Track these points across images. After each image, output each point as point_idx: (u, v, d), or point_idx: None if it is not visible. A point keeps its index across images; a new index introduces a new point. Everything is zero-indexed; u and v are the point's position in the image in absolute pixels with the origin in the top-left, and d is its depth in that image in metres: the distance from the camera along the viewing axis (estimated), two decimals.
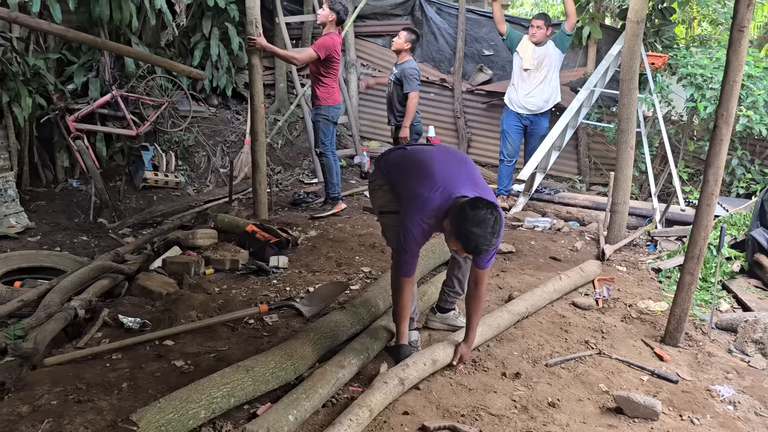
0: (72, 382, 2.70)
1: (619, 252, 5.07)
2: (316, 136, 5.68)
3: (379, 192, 3.08)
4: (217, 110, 8.19)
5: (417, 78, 5.75)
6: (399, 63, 5.80)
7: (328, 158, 5.65)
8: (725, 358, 3.37)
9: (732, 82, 3.19)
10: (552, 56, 6.11)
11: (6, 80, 5.79)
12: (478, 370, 3.00)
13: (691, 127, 7.02)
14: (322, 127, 5.57)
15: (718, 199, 3.48)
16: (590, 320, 3.68)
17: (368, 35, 8.62)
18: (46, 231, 5.88)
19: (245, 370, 2.57)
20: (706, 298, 4.20)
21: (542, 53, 6.09)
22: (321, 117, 5.55)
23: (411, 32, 5.84)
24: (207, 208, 6.33)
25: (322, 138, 5.60)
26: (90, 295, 3.77)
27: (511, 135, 6.26)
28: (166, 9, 7.00)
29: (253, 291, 3.89)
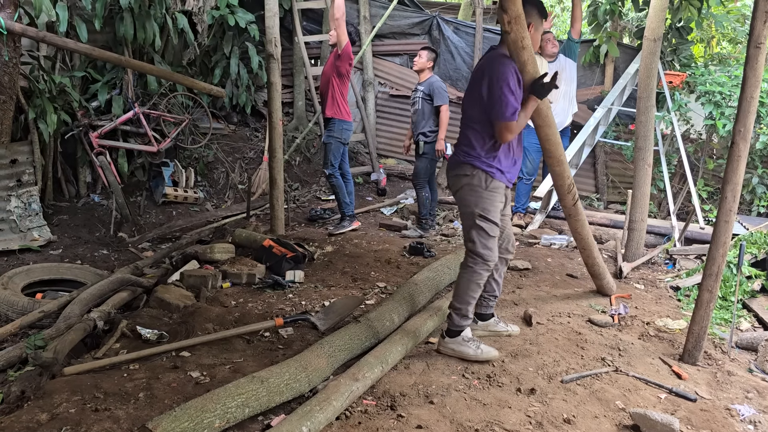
0: (90, 391, 2.73)
1: (637, 270, 5.03)
2: (326, 157, 5.74)
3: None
4: (237, 127, 8.32)
5: (445, 90, 5.85)
6: (423, 80, 5.85)
7: (337, 179, 5.74)
8: (745, 378, 3.32)
9: (749, 98, 3.18)
10: (566, 68, 6.06)
11: (33, 97, 5.95)
12: (493, 385, 2.98)
13: (710, 145, 6.98)
14: (333, 149, 5.66)
15: (737, 217, 3.45)
16: (607, 337, 3.64)
17: (386, 54, 8.72)
18: (68, 244, 5.99)
19: (260, 380, 2.58)
20: (726, 317, 4.14)
21: (556, 68, 6.10)
22: (333, 138, 5.64)
23: (431, 51, 5.94)
24: (225, 223, 6.40)
25: (332, 160, 5.67)
26: (109, 306, 3.83)
27: (531, 153, 6.17)
28: (188, 29, 7.16)
29: (269, 304, 3.92)
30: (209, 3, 7.41)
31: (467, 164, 3.12)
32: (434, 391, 2.86)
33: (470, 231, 3.13)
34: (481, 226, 3.10)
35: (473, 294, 3.18)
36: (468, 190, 3.12)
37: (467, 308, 3.19)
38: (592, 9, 7.54)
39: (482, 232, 3.11)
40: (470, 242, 3.14)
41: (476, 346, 3.20)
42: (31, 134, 6.06)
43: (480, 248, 3.11)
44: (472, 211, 3.11)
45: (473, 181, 3.10)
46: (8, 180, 5.85)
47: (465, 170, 3.12)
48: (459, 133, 3.25)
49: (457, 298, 3.18)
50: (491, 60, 3.09)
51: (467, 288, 3.16)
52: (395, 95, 8.72)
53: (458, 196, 3.20)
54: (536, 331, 3.66)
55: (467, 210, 3.14)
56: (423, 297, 3.83)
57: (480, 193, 3.10)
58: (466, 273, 3.16)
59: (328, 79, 5.59)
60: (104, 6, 6.44)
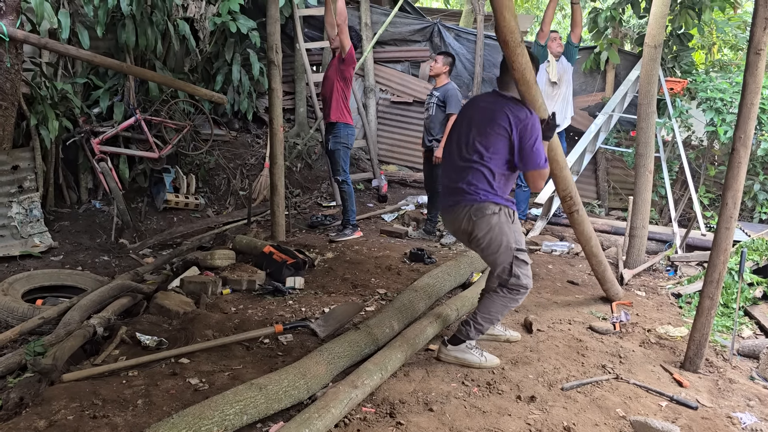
0: (88, 398, 2.72)
1: (638, 277, 5.02)
2: (336, 165, 5.70)
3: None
4: (238, 134, 8.33)
5: (460, 99, 5.78)
6: (439, 86, 5.79)
7: (349, 186, 5.74)
8: (747, 385, 3.30)
9: (750, 104, 3.18)
10: (567, 71, 6.07)
11: (35, 104, 5.97)
12: (493, 392, 2.97)
13: (711, 152, 6.98)
14: (342, 155, 5.64)
15: (738, 224, 3.45)
16: (608, 345, 3.63)
17: (387, 61, 8.74)
18: (69, 250, 5.99)
19: (258, 387, 2.57)
20: (727, 324, 4.13)
21: (560, 68, 6.09)
22: (341, 145, 5.62)
23: (447, 55, 5.86)
24: (226, 229, 6.40)
25: (342, 166, 5.66)
26: (109, 313, 3.83)
27: None
28: (189, 35, 7.18)
29: (269, 311, 3.91)
30: (211, 10, 7.44)
31: (490, 203, 3.07)
32: (434, 399, 2.85)
33: (511, 267, 3.10)
34: (521, 258, 3.10)
35: (501, 317, 3.24)
36: (498, 229, 3.06)
37: (489, 326, 3.23)
38: (593, 16, 7.56)
39: (522, 264, 3.11)
40: (513, 278, 3.10)
41: (480, 354, 3.20)
42: (33, 140, 6.08)
43: (524, 279, 3.12)
44: (509, 248, 3.08)
45: (501, 218, 3.07)
46: (10, 186, 5.86)
47: (491, 209, 3.07)
48: (460, 169, 3.14)
49: (486, 317, 3.18)
50: (513, 109, 3.06)
51: (500, 311, 3.19)
52: (396, 102, 8.73)
53: (487, 239, 3.09)
54: (537, 338, 3.64)
55: (501, 248, 3.09)
56: (423, 304, 3.82)
57: (510, 227, 3.09)
58: (507, 300, 3.15)
59: (332, 83, 5.56)
60: (106, 13, 6.47)
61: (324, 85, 5.70)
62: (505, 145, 3.04)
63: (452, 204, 3.17)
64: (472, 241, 3.17)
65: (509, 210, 3.11)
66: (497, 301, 3.16)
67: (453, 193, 3.16)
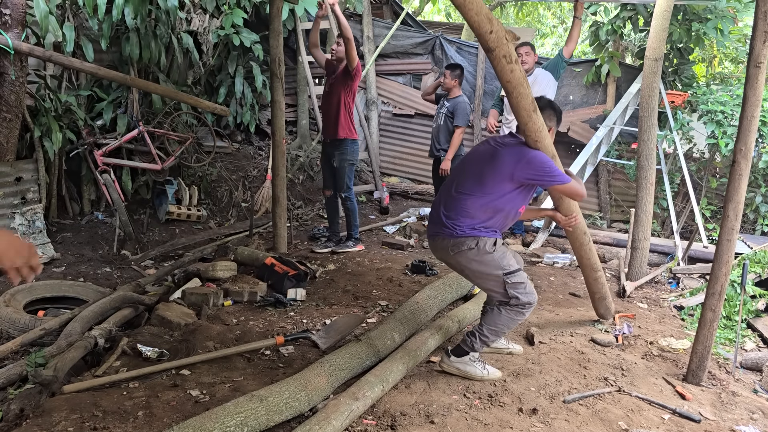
0: (89, 410, 2.72)
1: (640, 289, 5.01)
2: (342, 181, 5.63)
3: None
4: (241, 146, 8.36)
5: (468, 114, 5.82)
6: (451, 98, 5.86)
7: (353, 202, 5.74)
8: (750, 398, 3.28)
9: (750, 117, 3.19)
10: (541, 83, 5.67)
11: (38, 116, 6.00)
12: (494, 405, 2.96)
13: (713, 164, 6.98)
14: (348, 172, 5.63)
15: (741, 236, 3.45)
16: (610, 357, 3.62)
17: (389, 73, 8.79)
18: (71, 262, 5.99)
19: (259, 399, 2.57)
20: (730, 337, 4.11)
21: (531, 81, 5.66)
22: (347, 162, 5.58)
23: (455, 68, 5.91)
24: (228, 241, 6.40)
25: (348, 182, 5.65)
26: (110, 324, 3.82)
27: None
28: (193, 48, 7.23)
29: (270, 323, 3.91)
30: (214, 23, 7.49)
31: (468, 237, 3.07)
32: (435, 411, 2.83)
33: (507, 291, 3.10)
34: (513, 281, 3.08)
35: (506, 331, 3.23)
36: (478, 262, 3.08)
37: (494, 338, 3.23)
38: (594, 29, 7.60)
39: (516, 285, 3.09)
40: (513, 299, 3.10)
41: (482, 367, 3.20)
42: (37, 152, 6.10)
43: (524, 298, 3.10)
44: (497, 276, 3.09)
45: (480, 250, 3.06)
46: (13, 198, 5.87)
47: (467, 244, 3.07)
48: (450, 199, 3.16)
49: (492, 330, 3.17)
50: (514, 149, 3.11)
51: (507, 325, 3.18)
52: (398, 114, 8.77)
53: (470, 271, 3.15)
54: (538, 350, 3.63)
55: (491, 278, 3.10)
56: (425, 316, 3.82)
57: (491, 257, 3.07)
58: (511, 314, 3.14)
59: (338, 97, 5.44)
60: (110, 26, 6.52)
61: (328, 99, 5.53)
62: (508, 183, 3.06)
63: (432, 234, 3.23)
64: (457, 270, 3.25)
65: (489, 240, 3.07)
66: (503, 314, 3.15)
67: (434, 223, 3.21)
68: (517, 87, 2.92)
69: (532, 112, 3.01)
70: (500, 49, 2.79)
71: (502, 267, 3.07)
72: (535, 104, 2.99)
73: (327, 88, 5.61)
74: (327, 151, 5.68)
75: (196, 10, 7.33)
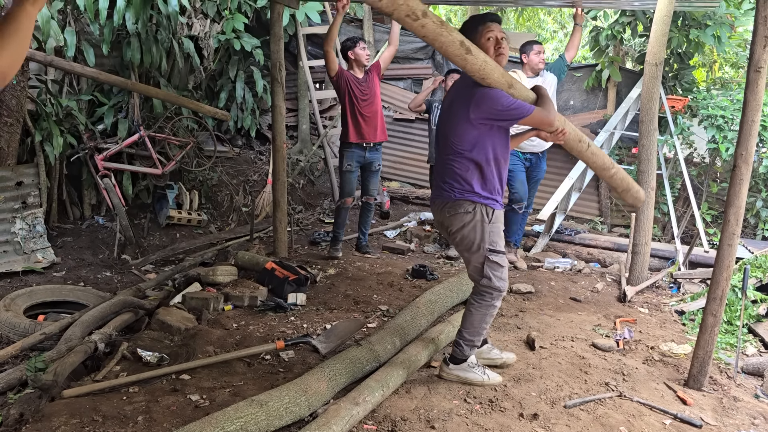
0: (89, 414, 2.71)
1: (641, 294, 5.00)
2: (377, 185, 5.79)
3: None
4: (241, 150, 8.37)
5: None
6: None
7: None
8: (752, 403, 3.27)
9: (750, 121, 3.19)
10: (548, 84, 5.44)
11: (39, 120, 6.01)
12: (495, 410, 2.95)
13: (713, 169, 6.99)
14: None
15: (741, 241, 3.44)
16: (611, 362, 3.61)
17: (390, 78, 8.80)
18: (71, 266, 5.99)
19: (259, 404, 2.56)
20: (731, 342, 4.10)
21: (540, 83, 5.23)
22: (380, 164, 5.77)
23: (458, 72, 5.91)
24: (228, 245, 6.40)
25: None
26: (111, 329, 3.82)
27: (518, 174, 5.52)
28: (194, 53, 7.25)
29: (270, 327, 3.91)
30: (215, 28, 7.52)
31: (465, 201, 3.00)
32: (435, 416, 2.83)
33: (483, 268, 3.02)
34: (493, 260, 3.01)
35: (486, 326, 3.15)
36: (471, 228, 3.01)
37: (479, 339, 3.16)
38: (594, 34, 7.61)
39: (495, 266, 3.02)
40: (485, 279, 3.03)
41: (482, 372, 3.16)
42: (38, 157, 6.11)
43: (496, 282, 3.03)
44: (481, 248, 3.01)
45: (476, 216, 2.99)
46: (14, 202, 5.88)
47: (464, 207, 3.00)
48: (442, 164, 3.10)
49: (470, 330, 3.12)
50: (464, 89, 2.98)
51: (482, 321, 3.10)
52: (399, 119, 8.78)
53: (459, 235, 3.06)
54: (539, 355, 3.62)
55: (474, 248, 3.03)
56: (425, 320, 3.81)
57: (484, 227, 2.99)
58: (482, 308, 3.08)
59: (379, 101, 5.54)
60: (112, 31, 6.54)
61: (371, 104, 5.44)
62: (471, 130, 2.93)
63: (433, 198, 3.19)
64: (449, 235, 3.17)
65: (486, 209, 2.99)
66: (474, 311, 3.09)
67: (435, 188, 3.16)
68: (436, 38, 2.64)
69: (465, 54, 2.70)
70: (399, 10, 2.49)
71: (491, 242, 3.00)
72: (465, 44, 2.68)
73: (364, 94, 5.41)
74: (366, 156, 5.55)
75: (197, 15, 7.36)
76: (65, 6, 6.31)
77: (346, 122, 5.40)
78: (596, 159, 3.51)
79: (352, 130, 5.38)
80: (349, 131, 5.39)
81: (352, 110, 5.35)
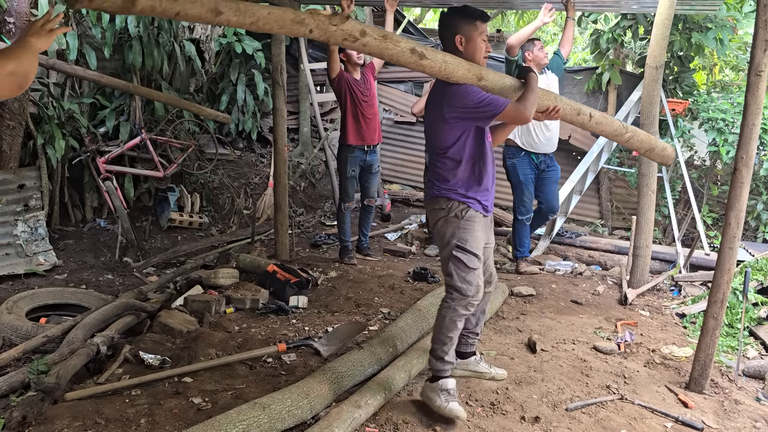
0: (91, 417, 2.72)
1: (642, 296, 5.00)
2: (375, 187, 5.76)
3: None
4: (242, 153, 8.38)
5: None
6: None
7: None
8: (753, 406, 3.28)
9: (751, 125, 3.20)
10: (552, 83, 5.34)
11: (42, 123, 6.03)
12: (497, 413, 2.95)
13: (714, 172, 6.99)
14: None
15: (742, 244, 3.44)
16: (612, 365, 3.61)
17: (390, 81, 8.82)
18: (73, 269, 6.00)
19: (261, 407, 2.57)
20: (732, 345, 4.10)
21: (546, 82, 5.29)
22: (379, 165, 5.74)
23: None
24: (229, 248, 6.42)
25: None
26: (113, 331, 3.83)
27: (529, 186, 5.40)
28: (195, 56, 7.28)
29: (272, 330, 3.91)
30: (217, 31, 7.53)
31: (442, 197, 2.95)
32: (437, 419, 2.83)
33: (447, 263, 2.92)
34: (458, 257, 2.87)
35: (450, 334, 2.91)
36: (444, 222, 2.94)
37: (443, 349, 2.92)
38: (595, 37, 7.62)
39: (460, 264, 2.87)
40: (447, 275, 2.93)
41: (445, 399, 2.82)
42: (39, 160, 6.13)
43: (458, 281, 2.87)
44: (449, 243, 2.91)
45: (450, 213, 2.92)
46: (15, 205, 5.89)
47: (440, 204, 2.95)
48: (428, 166, 3.09)
49: (433, 336, 2.97)
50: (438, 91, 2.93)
51: (442, 326, 2.91)
52: (400, 122, 8.79)
53: (435, 230, 3.04)
54: (540, 358, 3.63)
55: (444, 242, 2.95)
56: (426, 323, 3.81)
57: (456, 223, 2.91)
58: (443, 309, 2.93)
59: (376, 102, 5.54)
60: (114, 34, 6.56)
61: (370, 106, 5.43)
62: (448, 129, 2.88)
63: (424, 194, 3.19)
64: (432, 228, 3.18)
65: (461, 206, 2.90)
66: (439, 313, 2.94)
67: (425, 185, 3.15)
68: (383, 52, 2.58)
69: (420, 60, 2.62)
70: (334, 36, 2.40)
71: (459, 238, 2.89)
72: (418, 50, 2.60)
73: (365, 95, 5.40)
74: (366, 159, 5.50)
75: None
76: (67, 9, 6.33)
77: (345, 124, 5.38)
78: (604, 127, 3.37)
79: (352, 132, 5.36)
80: (350, 133, 5.36)
81: (354, 112, 5.34)
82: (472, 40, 2.87)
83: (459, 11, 2.91)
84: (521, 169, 5.36)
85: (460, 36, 2.86)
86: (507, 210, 7.78)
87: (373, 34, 2.48)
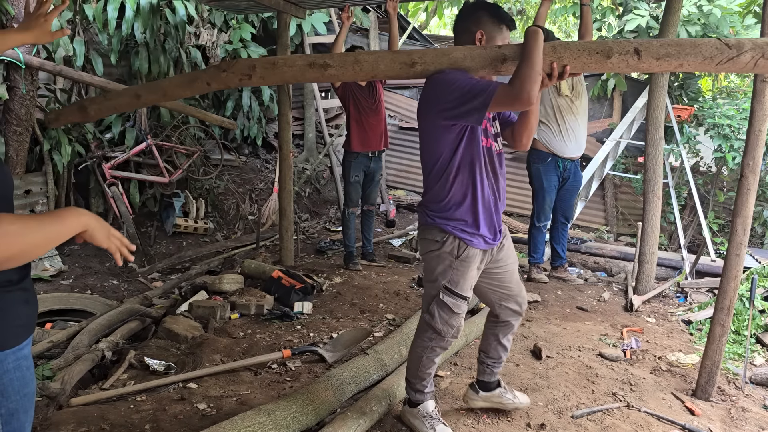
0: (96, 423, 2.72)
1: (647, 303, 4.98)
2: (377, 192, 5.78)
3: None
4: (248, 159, 8.40)
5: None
6: None
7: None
8: (760, 414, 3.25)
9: (757, 131, 3.19)
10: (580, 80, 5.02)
11: (48, 129, 6.06)
12: (502, 420, 2.94)
13: (720, 178, 6.97)
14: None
15: (749, 250, 3.43)
16: (618, 372, 3.59)
17: (395, 87, 8.84)
18: (79, 274, 6.02)
19: (266, 413, 2.56)
20: (739, 352, 4.08)
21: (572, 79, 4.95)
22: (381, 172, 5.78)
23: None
24: (234, 254, 6.42)
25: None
26: (118, 337, 3.84)
27: (551, 193, 5.15)
28: (201, 62, 7.30)
29: (277, 336, 3.91)
30: (222, 37, 7.57)
31: (435, 228, 2.51)
32: None
33: (431, 303, 2.56)
34: (444, 301, 2.52)
35: (426, 369, 2.68)
36: (435, 257, 2.52)
37: (421, 383, 2.71)
38: None
39: (445, 308, 2.53)
40: (427, 314, 2.58)
41: (429, 425, 2.67)
42: (46, 165, 6.16)
43: (439, 324, 2.56)
44: (437, 281, 2.53)
45: (443, 248, 2.49)
46: (22, 210, 5.92)
47: (433, 234, 2.52)
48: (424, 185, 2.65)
49: (408, 369, 2.74)
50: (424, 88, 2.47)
51: (419, 364, 2.66)
52: (405, 128, 8.81)
53: (424, 259, 2.63)
54: (546, 364, 3.62)
55: (431, 278, 2.56)
56: None
57: (449, 262, 2.50)
58: (418, 348, 2.65)
59: (383, 109, 5.54)
60: (120, 41, 6.60)
61: (377, 113, 5.44)
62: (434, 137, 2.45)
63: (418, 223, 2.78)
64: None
65: (459, 243, 2.48)
66: (415, 347, 2.69)
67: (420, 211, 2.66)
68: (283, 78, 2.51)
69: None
70: (227, 81, 2.50)
71: (451, 280, 2.51)
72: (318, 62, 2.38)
73: (369, 103, 5.40)
74: (371, 166, 5.52)
75: (204, 25, 7.42)
76: (74, 16, 6.38)
77: (350, 131, 5.41)
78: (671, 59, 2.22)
79: (356, 139, 5.38)
80: (354, 140, 5.38)
81: (357, 119, 5.35)
82: (493, 41, 2.50)
83: (490, 8, 2.54)
84: (545, 175, 5.11)
85: (482, 32, 2.49)
86: (512, 216, 7.77)
87: (262, 66, 2.45)
